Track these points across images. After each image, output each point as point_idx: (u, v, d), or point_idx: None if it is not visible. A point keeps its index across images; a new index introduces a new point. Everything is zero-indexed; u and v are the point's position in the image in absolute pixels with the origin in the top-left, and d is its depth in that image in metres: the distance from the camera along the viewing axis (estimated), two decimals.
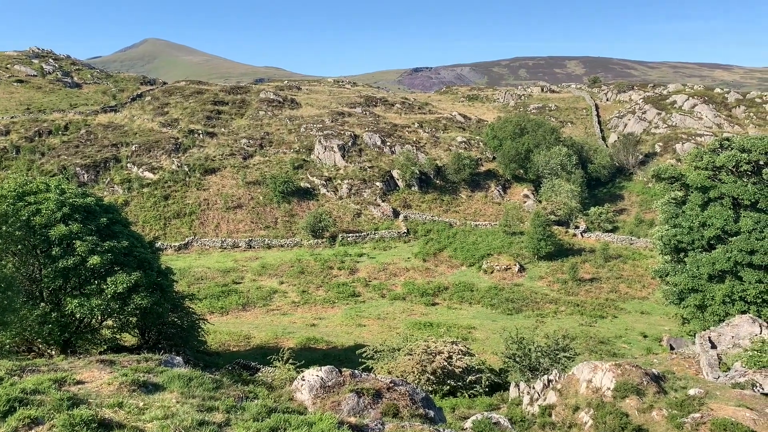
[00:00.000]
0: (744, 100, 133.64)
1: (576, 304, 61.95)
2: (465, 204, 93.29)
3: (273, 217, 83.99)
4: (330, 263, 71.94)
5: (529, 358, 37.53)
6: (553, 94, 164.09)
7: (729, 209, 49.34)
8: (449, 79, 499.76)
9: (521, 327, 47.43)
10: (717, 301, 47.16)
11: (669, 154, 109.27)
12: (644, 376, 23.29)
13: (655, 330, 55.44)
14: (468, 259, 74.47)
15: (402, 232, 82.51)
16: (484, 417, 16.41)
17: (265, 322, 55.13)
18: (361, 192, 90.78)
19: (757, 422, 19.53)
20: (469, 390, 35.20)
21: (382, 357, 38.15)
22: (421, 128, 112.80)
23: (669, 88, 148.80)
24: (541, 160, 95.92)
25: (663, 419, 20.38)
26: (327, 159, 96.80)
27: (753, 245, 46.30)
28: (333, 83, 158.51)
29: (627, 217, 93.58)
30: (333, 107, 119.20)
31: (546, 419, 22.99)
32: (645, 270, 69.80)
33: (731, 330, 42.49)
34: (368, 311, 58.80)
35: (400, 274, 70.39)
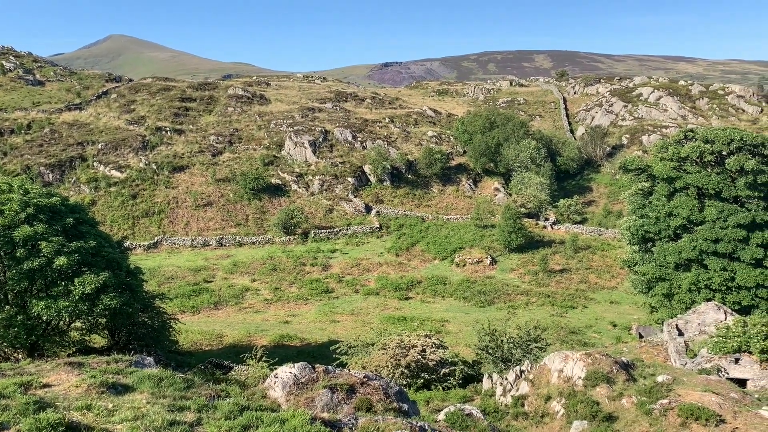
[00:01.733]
0: (707, 92, 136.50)
1: (547, 295, 62.72)
2: (437, 198, 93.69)
3: (244, 215, 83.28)
4: (302, 260, 71.65)
5: (502, 349, 37.89)
6: (522, 88, 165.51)
7: (694, 199, 50.39)
8: (419, 74, 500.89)
9: (493, 319, 47.86)
10: (683, 290, 48.18)
11: (636, 145, 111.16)
12: (614, 364, 23.69)
13: (624, 319, 56.43)
14: (440, 252, 74.85)
15: (374, 227, 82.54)
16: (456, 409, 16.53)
17: (237, 320, 54.70)
18: (332, 188, 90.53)
19: (722, 406, 20.02)
20: (443, 383, 35.43)
21: (356, 352, 38.19)
22: (392, 123, 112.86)
23: (635, 81, 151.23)
24: (511, 154, 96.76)
25: (633, 406, 20.76)
26: (298, 155, 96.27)
27: (717, 234, 47.37)
28: (302, 79, 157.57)
29: (595, 209, 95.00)
30: (303, 103, 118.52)
31: (519, 409, 23.24)
32: (614, 260, 70.96)
33: (697, 317, 43.47)
34: (342, 307, 58.74)
35: (373, 270, 70.42)
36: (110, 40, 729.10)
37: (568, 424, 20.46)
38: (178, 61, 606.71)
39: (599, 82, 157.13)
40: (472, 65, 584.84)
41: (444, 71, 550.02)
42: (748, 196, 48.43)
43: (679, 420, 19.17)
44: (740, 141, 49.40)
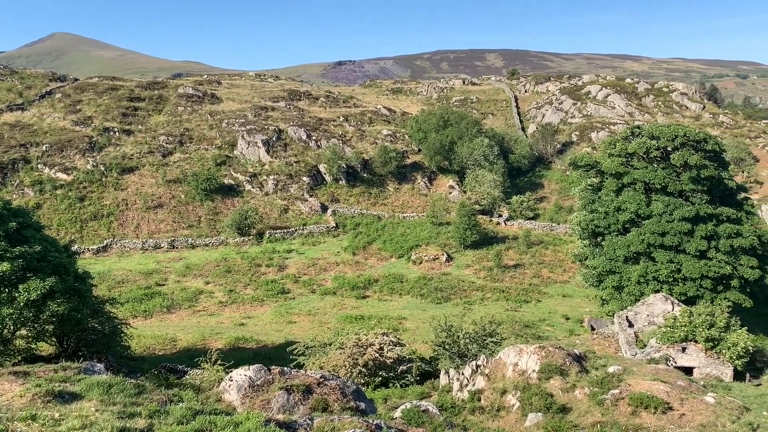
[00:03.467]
0: (653, 89, 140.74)
1: (501, 291, 63.61)
2: (393, 196, 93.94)
3: (196, 216, 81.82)
4: (258, 261, 70.83)
5: (458, 345, 38.25)
6: (474, 86, 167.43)
7: (641, 194, 51.85)
8: (373, 73, 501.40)
9: (450, 315, 48.22)
10: (633, 282, 49.52)
11: (585, 142, 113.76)
12: (567, 357, 24.17)
13: (576, 312, 57.65)
14: (397, 250, 75.09)
15: (331, 227, 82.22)
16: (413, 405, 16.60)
17: (191, 323, 53.71)
18: (287, 187, 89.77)
19: (670, 394, 20.64)
20: (401, 380, 35.55)
21: (313, 353, 37.97)
22: (347, 122, 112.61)
23: (584, 79, 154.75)
24: (465, 152, 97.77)
25: (585, 397, 21.22)
26: (251, 154, 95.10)
27: (664, 227, 48.85)
28: (255, 77, 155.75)
29: (547, 205, 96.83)
30: (255, 102, 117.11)
31: (475, 404, 23.48)
32: (565, 255, 72.44)
33: (646, 309, 44.78)
34: (298, 308, 58.31)
35: (330, 269, 70.14)
36: (54, 38, 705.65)
37: (524, 417, 20.78)
38: (125, 59, 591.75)
39: (549, 81, 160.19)
40: (425, 64, 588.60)
41: (398, 70, 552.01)
42: (692, 190, 50.11)
43: (630, 409, 19.69)
44: (684, 137, 51.07)
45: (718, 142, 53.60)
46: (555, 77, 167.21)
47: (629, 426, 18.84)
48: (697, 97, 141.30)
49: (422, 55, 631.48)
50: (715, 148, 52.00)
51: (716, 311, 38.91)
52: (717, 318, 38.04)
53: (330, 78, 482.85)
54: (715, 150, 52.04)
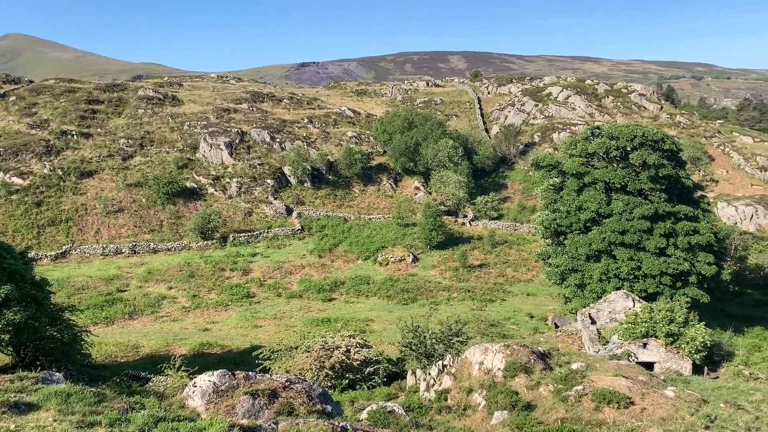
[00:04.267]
0: (612, 90, 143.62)
1: (467, 290, 64.10)
2: (358, 198, 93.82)
3: (158, 220, 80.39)
4: (221, 265, 69.95)
5: (425, 345, 38.39)
6: (438, 88, 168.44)
7: (602, 193, 52.86)
8: (337, 74, 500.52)
9: (416, 316, 48.42)
10: (594, 280, 50.42)
11: (547, 143, 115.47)
12: (531, 354, 24.45)
13: (540, 310, 58.44)
14: (363, 252, 75.03)
15: (296, 229, 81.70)
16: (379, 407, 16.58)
17: (154, 329, 52.76)
18: (251, 190, 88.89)
19: (632, 389, 21.06)
20: (368, 382, 35.52)
21: (279, 357, 37.69)
22: (311, 123, 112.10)
23: (545, 81, 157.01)
24: (430, 153, 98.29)
25: (550, 394, 21.49)
26: (214, 157, 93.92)
27: (624, 225, 49.87)
28: (217, 79, 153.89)
29: (511, 205, 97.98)
30: (218, 103, 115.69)
31: (442, 404, 23.58)
32: (529, 254, 73.41)
33: (608, 306, 45.66)
34: (264, 311, 57.78)
35: (295, 272, 69.69)
36: (8, 39, 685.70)
37: (490, 416, 20.95)
38: (83, 61, 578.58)
39: (511, 82, 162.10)
40: (389, 66, 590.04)
41: (362, 71, 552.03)
42: (651, 188, 51.28)
43: (593, 405, 20.01)
44: (642, 137, 52.25)
45: (675, 141, 54.99)
46: (517, 79, 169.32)
47: (592, 421, 19.15)
48: (654, 98, 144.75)
49: (386, 57, 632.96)
50: (673, 147, 53.34)
51: (675, 307, 39.91)
52: (676, 314, 39.01)
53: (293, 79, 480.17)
54: (673, 149, 53.38)
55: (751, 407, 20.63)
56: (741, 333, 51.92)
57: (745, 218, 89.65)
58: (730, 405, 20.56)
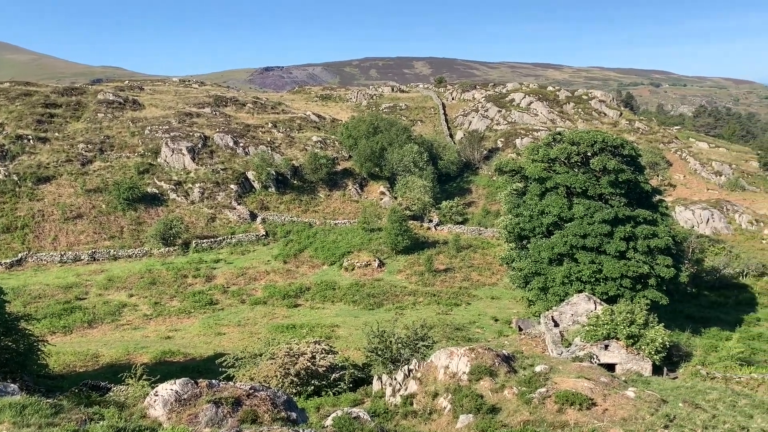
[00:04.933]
0: (573, 97, 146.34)
1: (433, 294, 64.35)
2: (324, 203, 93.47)
3: (118, 226, 78.71)
4: (184, 271, 68.82)
5: (391, 350, 38.34)
6: (403, 93, 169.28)
7: (563, 197, 53.73)
8: (302, 79, 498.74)
9: (382, 321, 48.37)
10: (557, 283, 51.18)
11: (510, 148, 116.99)
12: (496, 357, 24.64)
13: (505, 313, 58.98)
14: (329, 257, 74.71)
15: (260, 235, 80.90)
16: (344, 413, 16.50)
17: (114, 338, 51.58)
18: (214, 195, 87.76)
19: (594, 390, 21.39)
20: (334, 388, 35.31)
21: (243, 364, 37.20)
22: (275, 128, 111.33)
23: (508, 87, 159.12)
24: (395, 158, 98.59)
25: (514, 396, 21.68)
26: (176, 162, 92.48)
27: (585, 229, 50.77)
28: (179, 83, 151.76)
29: (475, 209, 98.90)
30: (180, 108, 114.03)
31: (408, 408, 23.57)
32: (493, 258, 74.09)
33: (571, 308, 46.36)
34: (228, 319, 57.03)
35: (260, 278, 68.98)
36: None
37: (455, 419, 21.01)
38: (40, 64, 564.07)
39: (475, 89, 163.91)
40: (354, 71, 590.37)
41: (327, 76, 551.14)
42: (611, 193, 52.34)
43: (556, 407, 20.26)
44: (602, 143, 53.32)
45: (634, 147, 56.28)
46: (481, 85, 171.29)
47: (555, 423, 19.38)
48: (614, 104, 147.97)
49: (351, 62, 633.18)
50: (632, 153, 54.57)
51: (636, 309, 40.78)
52: (636, 315, 39.86)
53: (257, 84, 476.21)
54: (632, 155, 54.61)
55: (708, 406, 21.16)
56: (698, 334, 53.32)
57: (702, 222, 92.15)
58: (688, 404, 21.05)
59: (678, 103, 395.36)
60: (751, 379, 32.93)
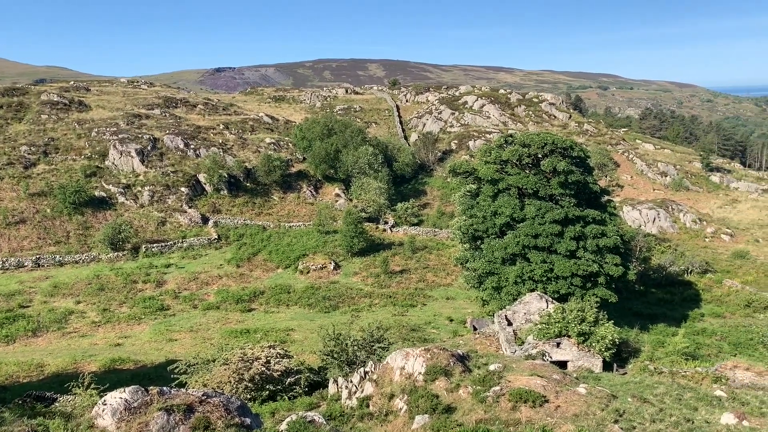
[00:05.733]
0: (524, 100, 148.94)
1: (389, 296, 64.46)
2: (278, 206, 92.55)
3: (64, 231, 76.18)
4: (134, 277, 67.12)
5: (347, 353, 38.20)
6: (357, 95, 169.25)
7: (515, 198, 54.58)
8: (254, 80, 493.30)
9: (338, 323, 48.17)
10: (510, 282, 51.93)
11: (463, 150, 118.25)
12: (451, 357, 24.81)
13: (460, 313, 59.52)
14: (283, 261, 74.00)
15: (213, 239, 79.56)
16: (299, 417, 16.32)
17: (61, 347, 49.88)
18: (165, 199, 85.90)
19: (546, 387, 21.75)
20: (289, 392, 34.97)
21: (196, 370, 36.49)
22: (227, 130, 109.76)
23: (461, 90, 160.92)
24: (350, 160, 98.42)
25: (469, 396, 21.86)
26: (124, 165, 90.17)
27: (536, 230, 51.67)
28: (127, 84, 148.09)
29: (430, 211, 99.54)
30: (128, 109, 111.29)
31: (364, 410, 23.51)
32: (448, 258, 74.70)
33: (523, 307, 47.10)
34: (179, 324, 55.86)
35: (212, 283, 67.83)
36: None
37: (411, 420, 21.05)
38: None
39: (429, 91, 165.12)
40: (307, 72, 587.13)
41: (280, 78, 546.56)
42: (561, 194, 53.43)
43: (510, 404, 20.51)
44: (552, 144, 54.41)
45: (583, 149, 57.62)
46: (434, 88, 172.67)
47: (509, 421, 19.62)
48: (564, 107, 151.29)
49: (304, 63, 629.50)
50: (581, 154, 55.85)
51: (586, 307, 41.69)
52: (587, 313, 40.74)
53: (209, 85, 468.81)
54: (581, 156, 55.89)
55: (656, 400, 21.77)
56: (646, 330, 54.90)
57: (648, 221, 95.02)
58: (636, 399, 21.61)
59: (625, 106, 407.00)
60: (696, 373, 34.04)
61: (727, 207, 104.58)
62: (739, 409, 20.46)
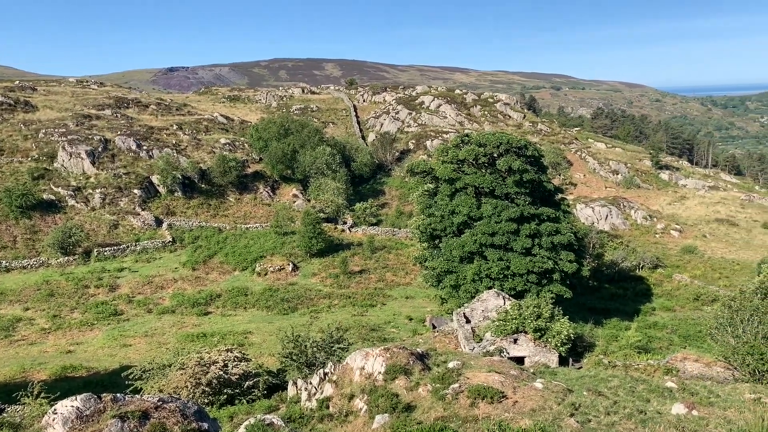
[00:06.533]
0: (480, 100, 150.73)
1: (348, 297, 64.35)
2: (234, 207, 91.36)
3: (10, 236, 73.61)
4: (85, 282, 65.32)
5: (306, 354, 37.99)
6: (314, 95, 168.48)
7: (472, 197, 55.19)
8: (208, 80, 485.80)
9: (297, 325, 47.87)
10: (468, 280, 52.48)
11: (421, 150, 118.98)
12: (411, 356, 24.90)
13: (419, 312, 59.85)
14: (241, 263, 73.09)
15: (167, 241, 78.02)
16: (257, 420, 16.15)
17: (8, 355, 48.17)
18: (117, 201, 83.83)
19: (504, 383, 22.05)
20: (248, 395, 34.57)
21: (151, 376, 35.72)
22: (181, 130, 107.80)
23: (417, 90, 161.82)
24: (308, 160, 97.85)
25: (428, 394, 21.98)
26: (74, 167, 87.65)
27: (493, 228, 52.34)
28: (76, 84, 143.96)
29: (389, 210, 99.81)
30: (78, 110, 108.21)
31: (324, 412, 23.39)
32: (407, 258, 75.03)
33: (481, 304, 47.63)
34: (134, 329, 54.61)
35: (167, 286, 66.52)
36: None
37: (371, 420, 21.05)
38: None
39: (386, 91, 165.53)
40: (263, 72, 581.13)
41: (234, 77, 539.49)
42: (517, 192, 54.27)
43: (469, 401, 20.71)
44: (507, 144, 55.21)
45: (537, 148, 58.64)
46: (391, 88, 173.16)
47: (468, 417, 19.81)
48: (518, 107, 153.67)
49: (260, 63, 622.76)
50: (535, 153, 56.83)
51: (542, 303, 42.43)
52: (543, 309, 41.48)
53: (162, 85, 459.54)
54: (535, 155, 56.86)
55: (610, 393, 22.29)
56: (600, 325, 56.23)
57: (601, 218, 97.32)
58: (591, 392, 22.09)
59: (577, 106, 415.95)
60: (648, 365, 35.05)
61: (676, 204, 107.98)
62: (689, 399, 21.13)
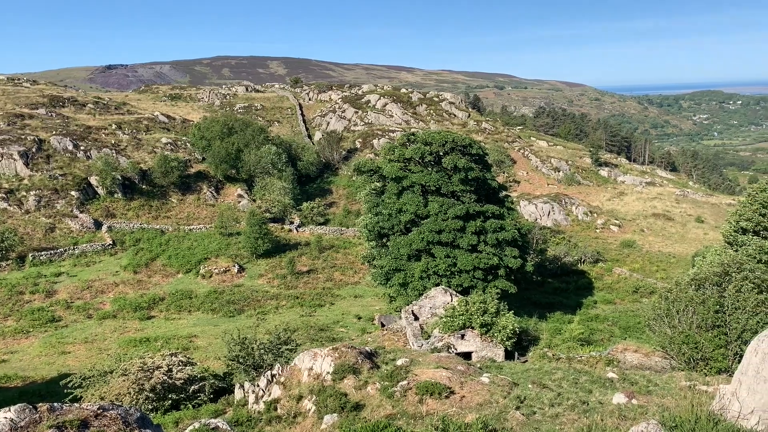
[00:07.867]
0: (425, 99, 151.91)
1: (296, 297, 63.82)
2: (177, 208, 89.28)
3: None
4: (20, 288, 62.63)
5: (253, 356, 37.42)
6: (258, 93, 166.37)
7: (419, 196, 55.57)
8: (148, 78, 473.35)
9: (243, 327, 47.04)
10: (416, 278, 52.82)
11: (368, 149, 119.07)
12: (359, 355, 24.84)
13: (368, 311, 59.88)
14: (184, 265, 71.51)
15: (107, 244, 75.60)
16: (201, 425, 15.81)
17: None
18: (53, 203, 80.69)
19: (452, 379, 22.26)
20: (194, 400, 33.81)
21: (92, 383, 34.48)
22: (120, 130, 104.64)
23: (363, 89, 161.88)
24: (252, 160, 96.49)
25: (377, 392, 21.97)
26: (6, 168, 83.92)
27: (440, 225, 52.84)
28: (7, 81, 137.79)
29: (336, 210, 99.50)
30: (9, 109, 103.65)
31: (272, 414, 23.09)
32: (355, 257, 74.98)
33: (429, 301, 48.02)
34: (73, 336, 52.68)
35: (108, 291, 64.49)
36: None
37: (320, 420, 20.90)
38: None
39: (332, 89, 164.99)
40: (205, 70, 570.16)
41: (176, 75, 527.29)
42: (462, 190, 54.94)
43: (417, 398, 20.81)
44: (453, 142, 55.83)
45: (481, 146, 59.51)
46: (337, 86, 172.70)
47: (416, 414, 19.91)
48: (463, 106, 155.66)
49: (202, 61, 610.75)
50: (479, 152, 57.66)
51: (488, 299, 43.07)
52: (489, 305, 42.10)
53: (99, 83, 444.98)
54: (480, 154, 57.70)
55: (554, 385, 22.80)
56: (544, 318, 57.51)
57: (544, 215, 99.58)
58: (536, 385, 22.54)
59: (520, 105, 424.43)
60: (591, 357, 36.04)
61: (615, 199, 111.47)
62: (629, 388, 21.80)
